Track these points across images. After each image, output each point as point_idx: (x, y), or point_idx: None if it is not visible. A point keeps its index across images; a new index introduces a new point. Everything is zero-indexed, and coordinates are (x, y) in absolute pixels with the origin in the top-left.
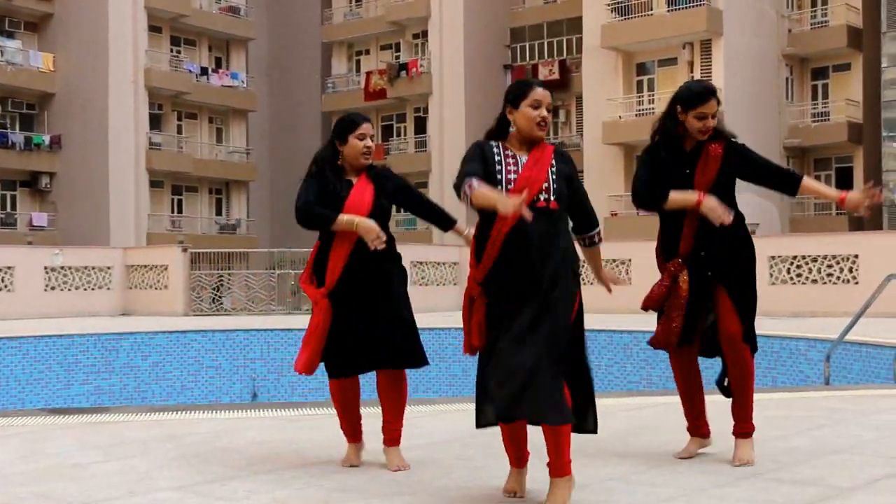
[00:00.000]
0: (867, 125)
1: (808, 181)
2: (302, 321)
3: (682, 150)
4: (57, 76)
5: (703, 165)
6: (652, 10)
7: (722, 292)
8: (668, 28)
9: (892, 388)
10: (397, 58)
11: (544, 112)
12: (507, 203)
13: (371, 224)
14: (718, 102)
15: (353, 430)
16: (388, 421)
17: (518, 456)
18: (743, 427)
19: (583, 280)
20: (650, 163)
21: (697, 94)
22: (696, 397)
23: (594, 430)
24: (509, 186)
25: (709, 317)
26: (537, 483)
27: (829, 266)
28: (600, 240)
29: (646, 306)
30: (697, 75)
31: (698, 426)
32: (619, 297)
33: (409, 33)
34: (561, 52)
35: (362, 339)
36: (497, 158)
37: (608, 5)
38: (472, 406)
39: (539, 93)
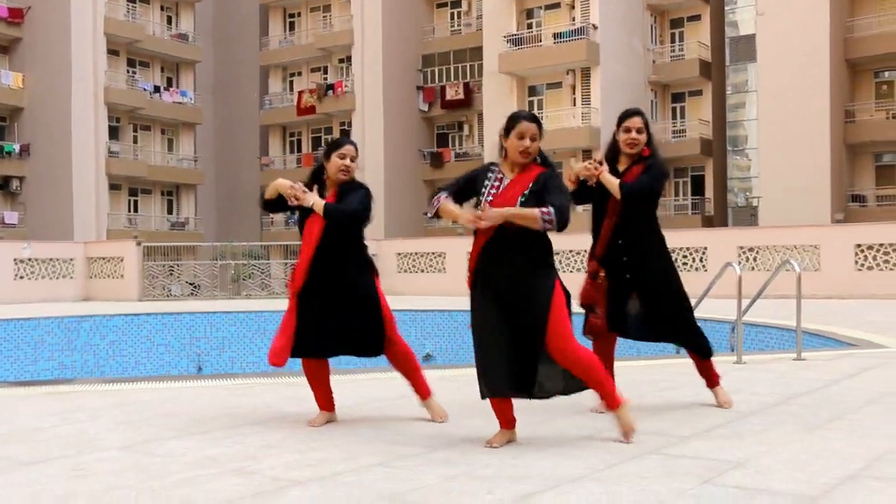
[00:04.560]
0: (716, 141)
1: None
2: (241, 305)
3: (615, 170)
4: (25, 92)
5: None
6: (541, 41)
7: (646, 294)
8: (554, 57)
9: (727, 356)
10: (325, 79)
11: (527, 143)
12: (464, 217)
13: (281, 181)
14: (647, 125)
15: (322, 401)
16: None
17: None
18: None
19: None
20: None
21: (625, 112)
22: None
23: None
24: (483, 199)
25: (630, 307)
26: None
27: (685, 256)
28: (547, 222)
29: (582, 304)
30: (579, 98)
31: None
32: None
33: (336, 58)
34: (465, 76)
35: (325, 330)
36: (490, 181)
37: (505, 37)
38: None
39: (524, 125)
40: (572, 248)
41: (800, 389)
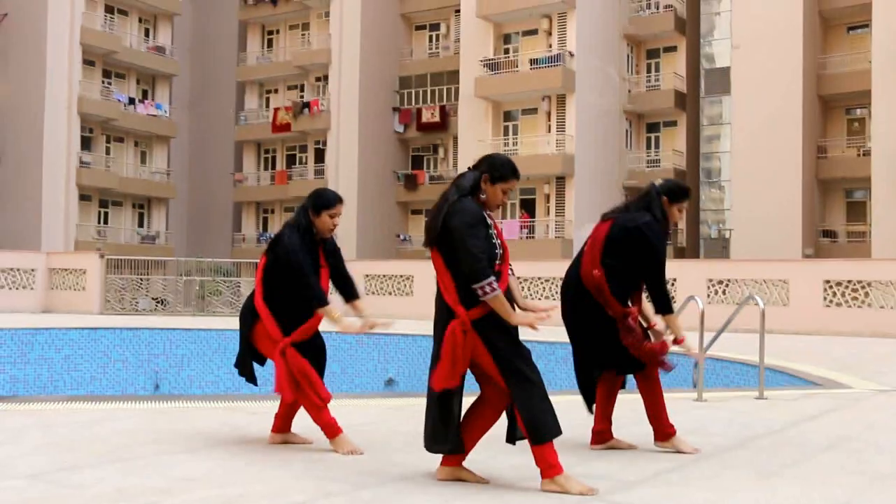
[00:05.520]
0: (689, 172)
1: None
2: (203, 322)
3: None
4: None
5: None
6: (517, 67)
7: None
8: (530, 83)
9: (688, 392)
10: (301, 97)
11: (508, 197)
12: (519, 319)
13: (349, 324)
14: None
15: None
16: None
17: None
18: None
19: None
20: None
21: (686, 190)
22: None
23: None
24: (499, 251)
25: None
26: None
27: None
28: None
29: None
30: (554, 124)
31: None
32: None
33: (313, 76)
34: (441, 99)
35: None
36: (489, 223)
37: (481, 61)
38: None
39: (513, 183)
40: (539, 275)
41: (758, 431)
